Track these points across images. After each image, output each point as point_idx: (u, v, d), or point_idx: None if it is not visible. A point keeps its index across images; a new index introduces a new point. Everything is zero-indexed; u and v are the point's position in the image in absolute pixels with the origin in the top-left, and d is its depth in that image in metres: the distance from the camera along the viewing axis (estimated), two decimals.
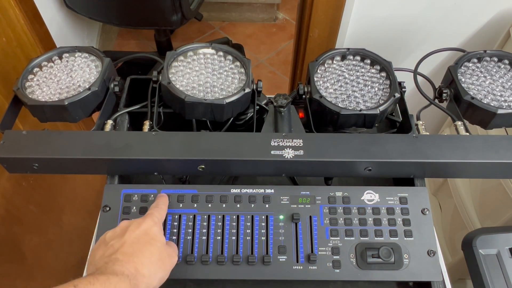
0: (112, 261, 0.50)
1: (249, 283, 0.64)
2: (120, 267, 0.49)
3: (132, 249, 0.52)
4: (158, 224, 0.57)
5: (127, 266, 0.49)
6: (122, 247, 0.52)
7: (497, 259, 0.80)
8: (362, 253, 0.62)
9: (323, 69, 0.78)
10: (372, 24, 1.27)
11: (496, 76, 0.77)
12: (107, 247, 0.53)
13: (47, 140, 0.65)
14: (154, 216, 0.58)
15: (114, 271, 0.48)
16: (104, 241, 0.54)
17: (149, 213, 0.58)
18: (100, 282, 0.45)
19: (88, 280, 0.45)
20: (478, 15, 1.25)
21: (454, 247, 1.35)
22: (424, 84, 0.80)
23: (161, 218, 0.59)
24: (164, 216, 0.61)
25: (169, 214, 0.64)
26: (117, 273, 0.48)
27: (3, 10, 1.00)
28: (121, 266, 0.49)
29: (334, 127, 0.75)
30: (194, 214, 0.65)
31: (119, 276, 0.47)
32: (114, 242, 0.53)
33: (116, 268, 0.49)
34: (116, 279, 0.47)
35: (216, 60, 0.76)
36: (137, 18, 1.71)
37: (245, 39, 2.38)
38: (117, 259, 0.50)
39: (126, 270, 0.49)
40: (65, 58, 0.78)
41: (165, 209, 0.62)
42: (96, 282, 0.45)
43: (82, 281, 0.45)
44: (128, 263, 0.50)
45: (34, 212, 1.12)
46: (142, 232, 0.54)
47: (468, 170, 0.67)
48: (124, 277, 0.48)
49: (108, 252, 0.52)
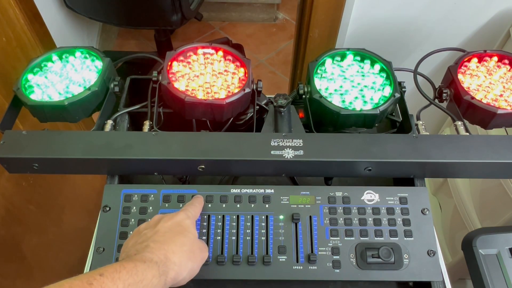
0: (142, 249, 0.50)
1: (249, 283, 0.64)
2: (150, 254, 0.49)
3: (164, 238, 0.52)
4: (191, 218, 0.58)
5: (157, 253, 0.49)
6: (154, 236, 0.52)
7: (497, 259, 0.80)
8: (362, 253, 0.62)
9: (323, 69, 0.78)
10: (372, 24, 1.27)
11: (496, 76, 0.77)
12: (139, 235, 0.53)
13: (47, 140, 0.65)
14: (188, 211, 0.59)
15: (142, 258, 0.48)
16: (138, 231, 0.55)
17: (184, 208, 0.60)
18: (127, 270, 0.45)
19: (114, 268, 0.45)
20: (478, 15, 1.25)
21: (454, 247, 1.35)
22: (424, 84, 0.80)
23: (195, 214, 0.60)
24: (198, 214, 0.62)
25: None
26: (146, 260, 0.47)
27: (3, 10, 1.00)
28: (150, 253, 0.49)
29: (334, 127, 0.75)
30: None
31: (147, 263, 0.47)
32: (147, 231, 0.54)
33: (146, 255, 0.49)
34: (143, 266, 0.46)
35: (216, 60, 0.76)
36: (137, 18, 1.71)
37: (245, 39, 2.38)
38: (147, 246, 0.50)
39: (155, 257, 0.49)
40: (65, 58, 0.78)
41: (199, 208, 0.62)
42: (123, 270, 0.45)
43: (108, 269, 0.44)
44: (158, 250, 0.50)
45: (34, 212, 1.12)
46: (175, 223, 0.55)
47: (468, 170, 0.67)
48: (153, 263, 0.48)
49: (140, 240, 0.52)
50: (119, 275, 0.44)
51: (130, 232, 0.63)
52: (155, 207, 0.65)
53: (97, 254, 0.62)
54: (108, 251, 0.62)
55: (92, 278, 0.42)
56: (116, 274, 0.44)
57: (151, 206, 0.65)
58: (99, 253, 0.62)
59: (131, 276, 0.44)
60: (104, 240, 0.63)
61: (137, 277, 0.45)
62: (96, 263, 0.61)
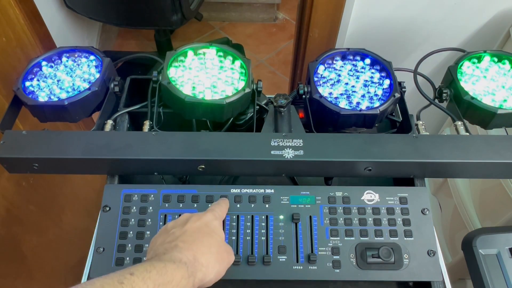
0: (171, 248, 0.50)
1: (249, 283, 0.64)
2: (179, 254, 0.49)
3: (192, 238, 0.52)
4: (219, 219, 0.58)
5: (186, 254, 0.49)
6: (182, 235, 0.52)
7: (497, 259, 0.80)
8: (362, 253, 0.62)
9: (323, 69, 0.78)
10: (372, 24, 1.27)
11: (496, 76, 0.77)
12: (168, 234, 0.53)
13: (47, 140, 0.65)
14: (215, 211, 0.58)
15: (172, 258, 0.48)
16: (166, 230, 0.55)
17: (211, 208, 0.60)
18: (157, 270, 0.45)
19: (144, 268, 0.45)
20: (478, 15, 1.25)
21: (454, 247, 1.35)
22: (424, 84, 0.80)
23: (222, 214, 0.60)
24: (225, 214, 0.62)
25: (168, 215, 0.64)
26: (175, 260, 0.47)
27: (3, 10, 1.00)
28: (179, 253, 0.49)
29: (334, 127, 0.75)
30: None
31: (176, 263, 0.47)
32: (175, 230, 0.53)
33: (175, 255, 0.49)
34: (173, 266, 0.46)
35: (216, 60, 0.76)
36: (137, 18, 1.71)
37: (245, 39, 2.37)
38: (176, 246, 0.50)
39: (184, 257, 0.49)
40: (65, 58, 0.78)
41: (226, 208, 0.63)
42: (153, 270, 0.45)
43: (139, 268, 0.44)
44: (187, 250, 0.50)
45: (34, 212, 1.12)
46: (203, 224, 0.55)
47: (468, 170, 0.67)
48: (182, 264, 0.48)
49: (169, 239, 0.52)
50: (149, 275, 0.44)
51: (130, 232, 0.63)
52: (155, 207, 0.65)
53: (97, 254, 0.62)
54: (108, 251, 0.62)
55: (123, 277, 0.42)
56: (147, 274, 0.44)
57: (151, 206, 0.65)
58: (99, 253, 0.62)
59: (160, 276, 0.44)
60: (104, 240, 0.63)
61: (166, 277, 0.45)
62: (96, 263, 0.61)
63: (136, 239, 0.63)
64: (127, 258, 0.62)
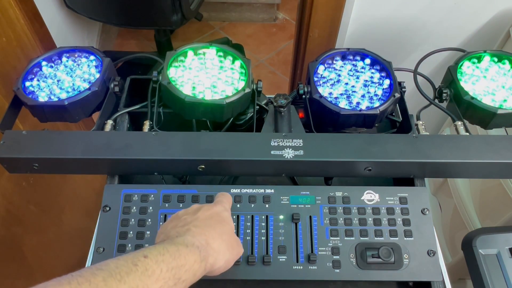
0: (184, 232, 0.50)
1: (249, 283, 0.64)
2: (192, 238, 0.49)
3: (204, 224, 0.52)
4: (228, 210, 0.58)
5: (198, 238, 0.49)
6: (194, 221, 0.52)
7: (497, 259, 0.79)
8: (362, 253, 0.62)
9: (323, 69, 0.78)
10: (372, 24, 1.27)
11: (496, 76, 0.77)
12: (179, 220, 0.54)
13: (47, 140, 0.65)
14: (224, 203, 0.59)
15: (184, 242, 0.48)
16: (177, 216, 0.55)
17: (219, 200, 0.60)
18: (170, 253, 0.45)
19: (158, 250, 0.45)
20: (478, 15, 1.25)
21: (454, 247, 1.35)
22: (424, 84, 0.80)
23: (229, 206, 0.60)
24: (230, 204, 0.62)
25: (168, 215, 0.64)
26: (188, 244, 0.48)
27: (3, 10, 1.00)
28: (192, 237, 0.49)
29: (334, 127, 0.75)
30: None
31: (189, 247, 0.47)
32: (187, 217, 0.54)
33: (187, 238, 0.49)
34: (186, 250, 0.47)
35: (216, 60, 0.76)
36: (137, 18, 1.71)
37: (245, 39, 2.37)
38: (189, 230, 0.50)
39: (197, 241, 0.49)
40: (65, 58, 0.78)
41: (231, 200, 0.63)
42: (166, 253, 0.45)
43: (152, 251, 0.45)
44: (199, 235, 0.50)
45: (34, 212, 1.12)
46: (214, 213, 0.55)
47: (468, 170, 0.67)
48: (194, 248, 0.48)
49: (181, 224, 0.52)
50: (162, 258, 0.44)
51: (130, 232, 0.63)
52: (155, 207, 0.65)
53: (97, 254, 0.62)
54: (108, 251, 0.62)
55: (137, 259, 0.43)
56: (160, 257, 0.44)
57: (151, 206, 0.65)
58: (99, 253, 0.62)
59: (174, 260, 0.45)
60: (104, 240, 0.63)
61: (179, 261, 0.45)
62: (96, 263, 0.61)
63: (136, 239, 0.63)
64: None
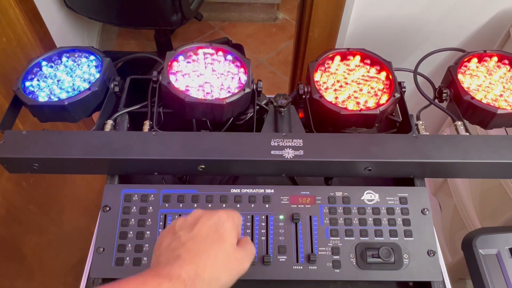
0: (173, 259, 0.47)
1: (249, 283, 0.64)
2: (178, 269, 0.45)
3: (197, 247, 0.48)
4: (231, 220, 0.52)
5: (187, 268, 0.46)
6: (188, 242, 0.49)
7: (497, 259, 0.80)
8: (362, 253, 0.62)
9: (323, 69, 0.78)
10: (372, 24, 1.27)
11: (496, 76, 0.77)
12: (174, 237, 0.50)
13: (47, 140, 0.65)
14: (229, 210, 0.54)
15: (169, 274, 0.45)
16: (173, 229, 0.51)
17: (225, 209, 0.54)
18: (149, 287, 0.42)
19: (136, 284, 0.42)
20: (478, 15, 1.25)
21: (454, 247, 1.35)
22: (424, 84, 0.80)
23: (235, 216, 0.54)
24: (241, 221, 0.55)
25: (168, 215, 0.65)
26: (172, 277, 0.44)
27: (3, 10, 1.00)
28: (180, 267, 0.45)
29: (334, 127, 0.75)
30: None
31: (173, 280, 0.44)
32: (182, 233, 0.50)
33: (174, 269, 0.45)
34: (168, 284, 0.43)
35: (216, 60, 0.76)
36: (137, 18, 1.71)
37: (245, 39, 2.38)
38: (179, 257, 0.47)
39: (184, 273, 0.45)
40: (65, 58, 0.78)
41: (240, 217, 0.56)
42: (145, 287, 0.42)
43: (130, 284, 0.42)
44: (189, 264, 0.46)
45: (34, 212, 1.12)
46: (212, 226, 0.50)
47: (468, 170, 0.67)
48: (180, 281, 0.44)
49: (174, 245, 0.49)
50: None
51: (130, 232, 0.63)
52: (155, 207, 0.65)
53: (97, 254, 0.62)
54: (108, 251, 0.62)
55: None
56: None
57: (151, 206, 0.65)
58: (99, 253, 0.62)
59: None
60: (104, 240, 0.63)
61: None
62: (96, 263, 0.61)
63: (136, 239, 0.63)
64: (127, 258, 0.62)
